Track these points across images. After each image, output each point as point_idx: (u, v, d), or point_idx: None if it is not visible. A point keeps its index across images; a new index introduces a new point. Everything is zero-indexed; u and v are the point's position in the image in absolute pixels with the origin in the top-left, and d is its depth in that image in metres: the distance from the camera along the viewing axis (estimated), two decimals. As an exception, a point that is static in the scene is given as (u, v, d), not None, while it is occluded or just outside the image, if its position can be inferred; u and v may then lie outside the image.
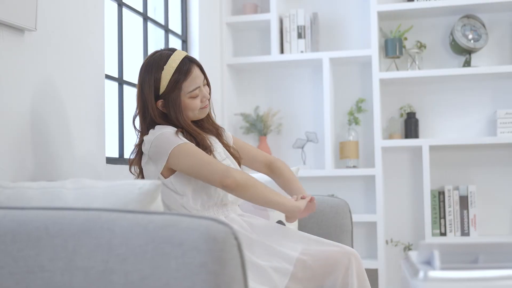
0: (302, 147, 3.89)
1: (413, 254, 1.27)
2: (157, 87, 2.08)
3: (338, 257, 2.05)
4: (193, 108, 2.12)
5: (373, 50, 3.74)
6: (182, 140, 2.05)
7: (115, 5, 2.82)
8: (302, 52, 3.86)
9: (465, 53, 3.76)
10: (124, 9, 2.89)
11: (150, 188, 1.37)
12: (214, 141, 2.21)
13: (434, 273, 1.15)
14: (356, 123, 3.86)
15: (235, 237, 1.23)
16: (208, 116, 2.24)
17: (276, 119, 4.00)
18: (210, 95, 2.19)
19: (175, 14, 3.54)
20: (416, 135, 3.81)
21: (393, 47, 3.79)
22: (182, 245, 1.20)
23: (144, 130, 2.13)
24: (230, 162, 2.23)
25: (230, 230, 1.23)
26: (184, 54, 2.13)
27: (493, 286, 1.14)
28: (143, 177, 2.16)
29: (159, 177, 2.07)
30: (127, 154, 2.85)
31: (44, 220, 1.29)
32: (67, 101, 2.24)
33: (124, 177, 2.61)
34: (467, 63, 3.75)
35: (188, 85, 2.09)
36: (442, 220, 3.72)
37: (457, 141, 3.65)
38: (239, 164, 2.31)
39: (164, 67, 2.08)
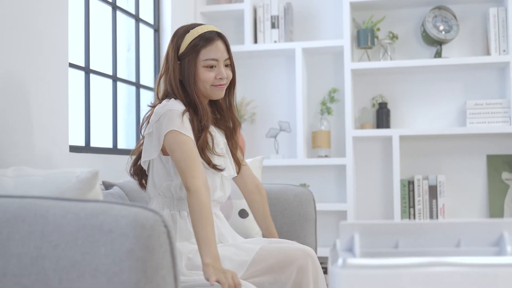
0: (275, 137, 3.93)
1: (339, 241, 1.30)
2: (178, 47, 2.11)
3: (295, 253, 2.05)
4: (204, 80, 2.10)
5: (346, 41, 3.77)
6: (182, 125, 2.02)
7: (82, -6, 2.83)
8: (275, 42, 3.88)
9: (436, 44, 3.79)
10: (92, -2, 2.90)
11: (87, 177, 1.40)
12: (218, 135, 2.20)
13: (352, 260, 1.18)
14: (329, 113, 3.90)
15: (164, 224, 1.27)
16: (231, 106, 2.23)
17: (249, 109, 4.03)
18: (235, 84, 2.19)
19: (147, 3, 3.55)
20: (387, 125, 3.85)
21: (365, 38, 3.82)
22: (111, 232, 1.24)
23: (162, 94, 2.14)
24: (229, 163, 2.22)
25: (160, 218, 1.26)
26: (214, 28, 2.15)
27: (410, 273, 1.18)
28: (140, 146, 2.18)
29: (158, 152, 2.07)
30: (93, 143, 2.88)
31: (-20, 207, 1.32)
32: (28, 90, 2.26)
33: (88, 165, 2.64)
34: (438, 54, 3.79)
35: (206, 53, 2.09)
36: (412, 209, 3.76)
37: (426, 131, 3.69)
38: (239, 169, 2.28)
39: (191, 31, 2.11)
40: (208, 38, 2.10)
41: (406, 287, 1.18)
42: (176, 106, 2.06)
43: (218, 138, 2.18)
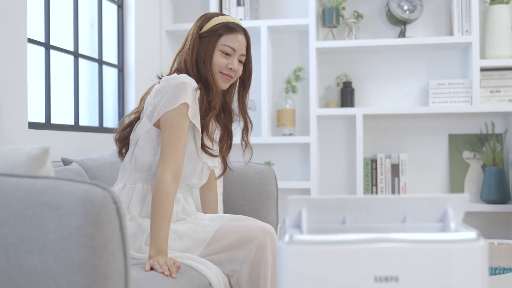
0: (240, 115, 3.93)
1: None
2: (201, 27, 2.16)
3: (254, 231, 2.06)
4: (215, 63, 2.13)
5: (311, 19, 3.77)
6: (194, 101, 2.04)
7: (42, -32, 2.79)
8: (241, 19, 3.87)
9: (400, 23, 3.82)
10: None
11: (37, 153, 1.39)
12: (215, 126, 2.23)
13: (299, 237, 1.20)
14: (294, 91, 3.91)
15: (114, 201, 1.27)
16: (244, 106, 2.25)
17: (215, 86, 4.01)
18: (249, 85, 2.23)
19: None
20: (352, 104, 3.88)
21: (330, 16, 3.82)
22: (60, 209, 1.23)
23: (173, 70, 2.17)
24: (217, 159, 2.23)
25: (109, 194, 1.26)
26: (242, 25, 2.20)
27: (356, 250, 1.20)
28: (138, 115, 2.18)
29: (150, 126, 2.07)
30: (53, 119, 2.85)
31: None
32: (-16, 66, 2.22)
33: (48, 142, 2.62)
34: (402, 34, 3.82)
35: (226, 39, 2.14)
36: (374, 187, 3.81)
37: (389, 110, 3.73)
38: (223, 172, 2.29)
39: (219, 16, 2.18)
40: (232, 28, 2.16)
41: (352, 263, 1.20)
42: (189, 80, 2.07)
43: (215, 127, 2.22)
